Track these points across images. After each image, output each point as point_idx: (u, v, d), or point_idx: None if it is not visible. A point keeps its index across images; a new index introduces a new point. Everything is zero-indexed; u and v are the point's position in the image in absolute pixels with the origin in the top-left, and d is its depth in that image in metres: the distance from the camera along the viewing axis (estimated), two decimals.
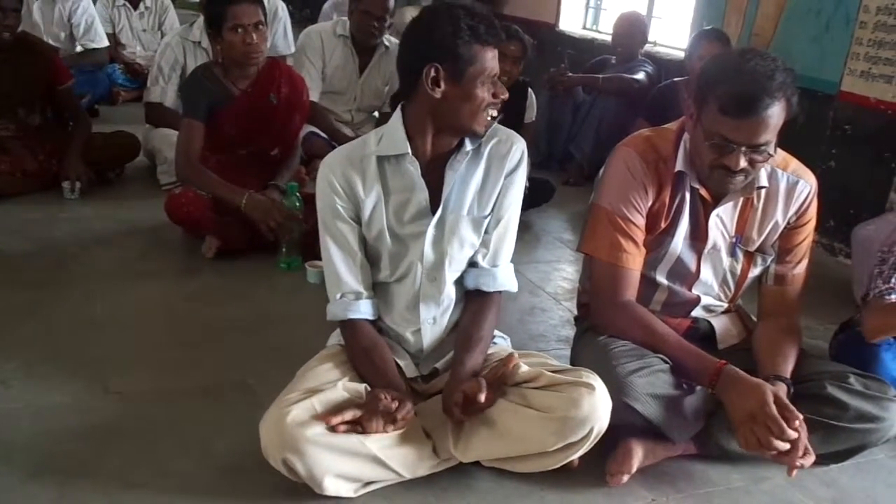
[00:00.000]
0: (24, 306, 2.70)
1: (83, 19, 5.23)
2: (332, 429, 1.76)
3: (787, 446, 1.82)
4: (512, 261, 2.11)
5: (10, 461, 1.91)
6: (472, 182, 1.99)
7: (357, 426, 1.80)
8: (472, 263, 2.06)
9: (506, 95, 1.92)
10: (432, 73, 1.84)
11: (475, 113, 1.89)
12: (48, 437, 2.01)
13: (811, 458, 1.87)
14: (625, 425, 1.97)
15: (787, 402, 1.87)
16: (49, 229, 3.40)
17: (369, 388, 1.91)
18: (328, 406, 1.80)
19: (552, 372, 1.91)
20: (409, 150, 1.93)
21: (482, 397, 1.80)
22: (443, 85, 1.85)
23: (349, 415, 1.79)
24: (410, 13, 6.38)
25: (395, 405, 1.81)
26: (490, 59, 1.86)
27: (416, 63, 1.86)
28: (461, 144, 1.96)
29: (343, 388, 1.87)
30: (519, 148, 2.03)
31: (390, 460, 1.82)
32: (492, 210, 2.03)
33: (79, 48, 5.11)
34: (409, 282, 2.02)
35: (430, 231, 1.98)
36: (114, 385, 2.27)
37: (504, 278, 2.07)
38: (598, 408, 1.82)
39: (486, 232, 2.04)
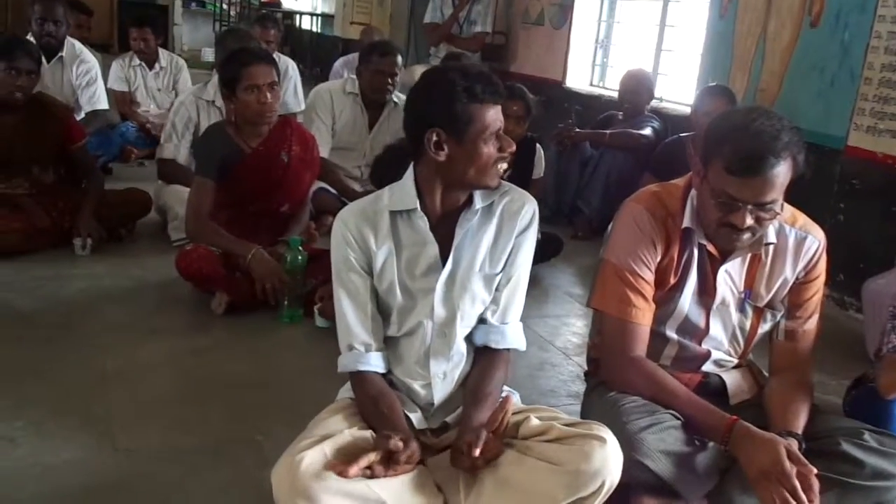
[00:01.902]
0: (33, 363, 2.70)
1: (88, 84, 5.33)
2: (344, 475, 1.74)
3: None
4: (521, 315, 2.11)
5: None
6: (484, 239, 2.01)
7: (367, 470, 1.78)
8: (482, 320, 2.06)
9: (513, 148, 1.94)
10: (434, 138, 1.89)
11: (483, 169, 1.92)
12: (56, 496, 2.00)
13: None
14: (637, 483, 1.94)
15: (800, 456, 1.84)
16: (60, 286, 3.42)
17: (375, 434, 1.90)
18: (338, 451, 1.79)
19: (563, 425, 1.90)
20: (418, 206, 1.96)
21: (476, 451, 1.79)
22: (446, 148, 1.89)
23: (364, 461, 1.77)
24: (420, 71, 6.49)
25: (399, 445, 1.79)
26: (490, 115, 1.89)
27: (418, 128, 1.92)
28: (471, 200, 1.99)
29: (351, 435, 1.86)
30: (531, 208, 2.05)
31: None
32: (503, 267, 2.04)
33: (82, 114, 5.21)
34: (418, 337, 2.02)
35: (440, 287, 1.99)
36: (122, 442, 2.26)
37: (513, 336, 2.07)
38: (609, 461, 1.79)
39: (496, 289, 2.05)
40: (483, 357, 2.06)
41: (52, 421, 2.33)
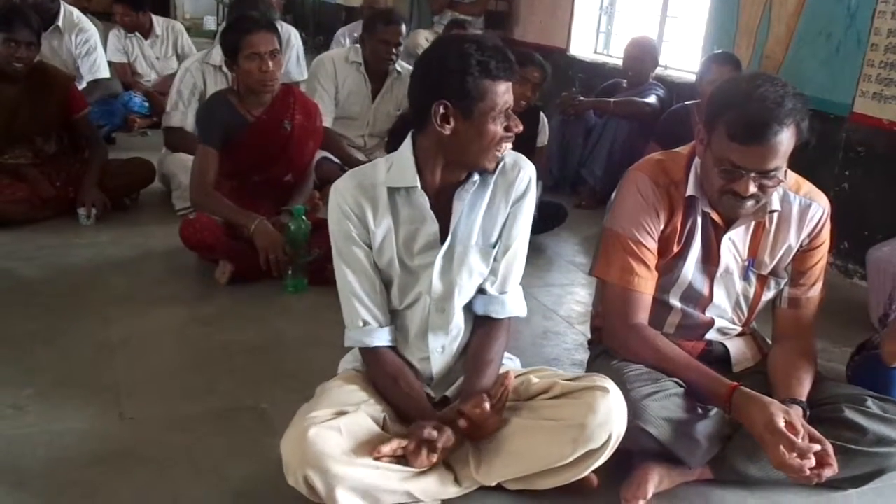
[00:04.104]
0: (39, 332, 2.72)
1: (87, 53, 5.29)
2: (377, 458, 1.76)
3: (811, 462, 1.80)
4: (524, 284, 2.11)
5: (25, 487, 1.92)
6: (479, 211, 1.97)
7: (401, 458, 1.80)
8: (481, 290, 2.04)
9: (520, 128, 1.88)
10: (441, 111, 1.82)
11: (486, 149, 1.86)
12: (63, 463, 2.01)
13: (830, 471, 1.84)
14: (640, 450, 1.96)
15: (797, 426, 1.84)
16: (65, 255, 3.43)
17: (389, 414, 1.91)
18: (353, 429, 1.79)
19: (565, 381, 1.91)
20: (419, 184, 1.90)
21: (479, 409, 1.80)
22: (452, 122, 1.82)
23: (395, 444, 1.79)
24: (424, 36, 6.45)
25: (434, 434, 1.80)
26: (502, 93, 1.82)
27: (426, 98, 1.84)
28: (470, 174, 1.94)
29: (367, 413, 1.86)
30: (526, 174, 1.99)
31: (414, 491, 1.82)
32: (499, 237, 2.00)
33: (84, 84, 5.18)
34: (417, 311, 2.01)
35: (438, 262, 1.96)
36: (128, 410, 2.28)
37: (513, 304, 2.05)
38: (613, 411, 1.81)
39: (494, 259, 2.02)
40: (483, 325, 2.05)
41: (58, 389, 2.35)
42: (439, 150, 1.89)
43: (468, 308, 2.05)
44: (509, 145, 1.90)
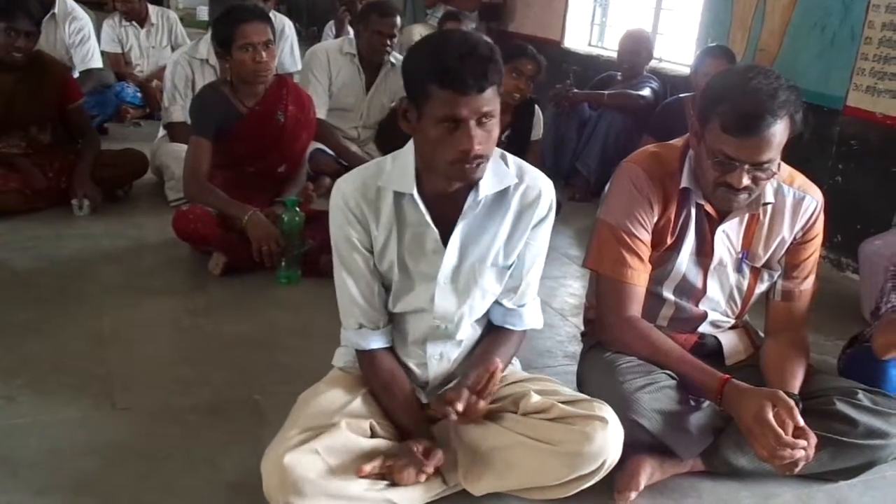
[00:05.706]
0: (32, 322, 2.71)
1: (80, 42, 5.27)
2: (363, 476, 1.76)
3: (799, 453, 1.81)
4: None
5: (17, 477, 1.91)
6: (500, 231, 1.91)
7: (387, 476, 1.79)
8: (497, 302, 2.01)
9: (472, 151, 1.70)
10: (402, 106, 1.80)
11: (434, 156, 1.75)
12: (55, 454, 2.01)
13: (804, 460, 1.85)
14: (633, 442, 1.96)
15: (786, 416, 1.85)
16: (58, 246, 3.42)
17: (375, 424, 1.89)
18: (333, 447, 1.77)
19: (564, 402, 1.88)
20: (415, 190, 1.84)
21: (459, 406, 1.77)
22: (409, 120, 1.78)
23: (378, 462, 1.78)
24: (418, 31, 6.43)
25: (422, 459, 1.79)
26: (449, 103, 1.67)
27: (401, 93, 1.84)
28: (472, 189, 1.85)
29: (346, 427, 1.82)
30: (547, 198, 1.92)
31: (398, 500, 1.80)
32: (516, 257, 1.95)
33: (77, 73, 5.16)
34: (418, 321, 1.98)
35: (445, 281, 1.91)
36: (121, 401, 2.28)
37: (530, 317, 2.03)
38: (610, 441, 1.80)
39: (511, 277, 1.97)
40: (496, 331, 2.03)
41: (51, 380, 2.35)
42: (419, 152, 1.84)
43: (478, 320, 2.03)
44: (476, 166, 1.74)
